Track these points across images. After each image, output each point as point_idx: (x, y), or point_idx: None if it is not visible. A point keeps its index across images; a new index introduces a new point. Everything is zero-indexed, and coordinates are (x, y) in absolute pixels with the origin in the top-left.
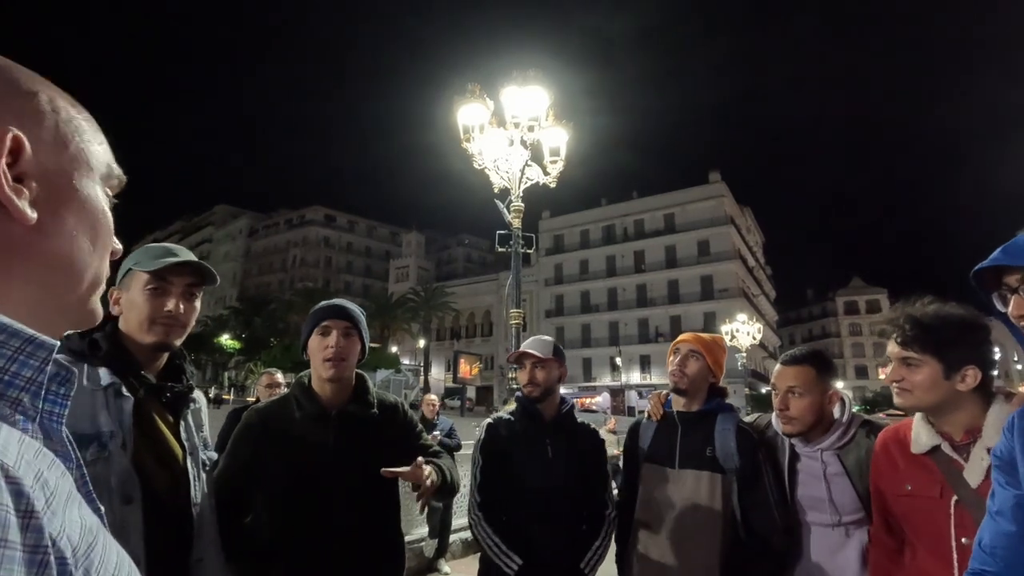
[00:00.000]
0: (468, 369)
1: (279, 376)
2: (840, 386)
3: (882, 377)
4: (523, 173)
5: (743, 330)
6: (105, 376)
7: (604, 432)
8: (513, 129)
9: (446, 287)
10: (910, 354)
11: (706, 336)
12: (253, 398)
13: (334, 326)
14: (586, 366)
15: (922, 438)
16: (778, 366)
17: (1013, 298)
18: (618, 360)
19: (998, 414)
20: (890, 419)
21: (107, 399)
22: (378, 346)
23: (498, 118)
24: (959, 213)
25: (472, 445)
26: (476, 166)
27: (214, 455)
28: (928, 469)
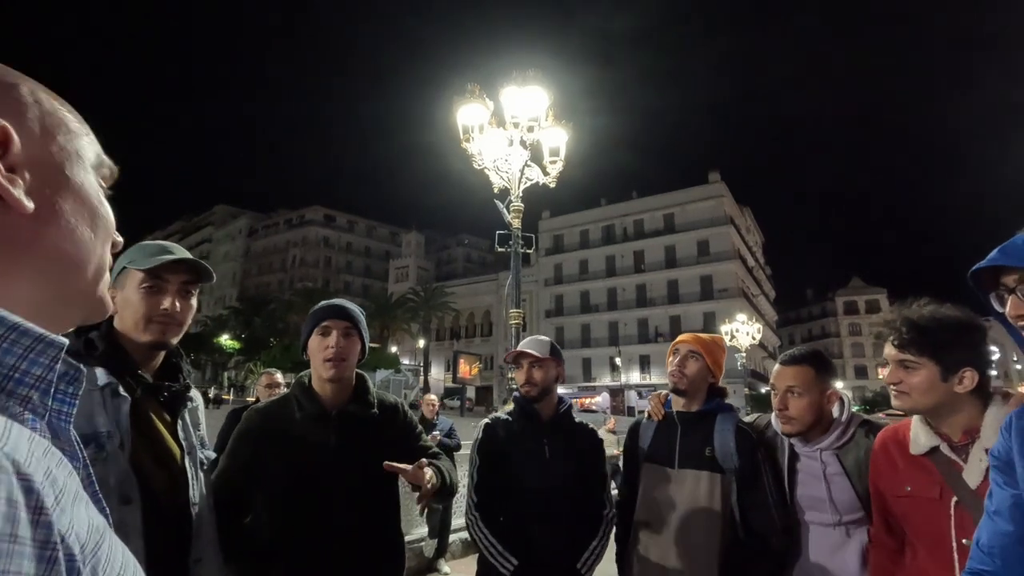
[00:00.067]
0: (468, 369)
1: (279, 376)
2: (840, 386)
3: (881, 377)
4: (523, 173)
5: (743, 330)
6: (102, 376)
7: (604, 432)
8: (513, 129)
9: (446, 287)
10: (907, 357)
11: (705, 336)
12: (253, 398)
13: (334, 326)
14: (586, 366)
15: (921, 439)
16: (777, 366)
17: (1010, 298)
18: (618, 360)
19: (996, 415)
20: (889, 419)
21: (104, 399)
22: (378, 346)
23: (498, 118)
24: (959, 213)
25: (470, 445)
26: (476, 166)
27: (212, 454)
28: (927, 470)
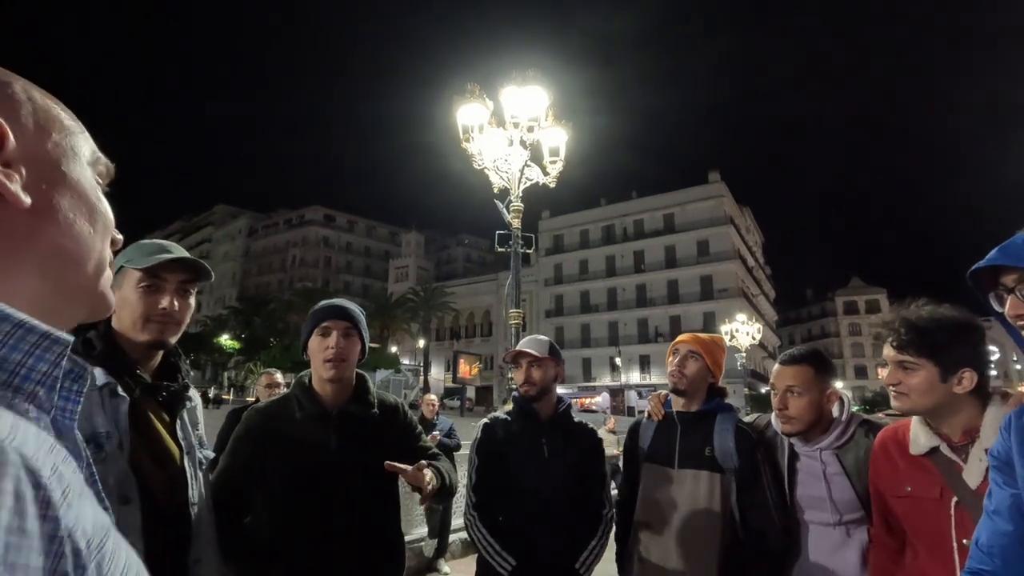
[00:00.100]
0: (468, 369)
1: (278, 376)
2: (839, 386)
3: (881, 377)
4: (523, 173)
5: (742, 330)
6: (100, 376)
7: (604, 432)
8: (513, 129)
9: (446, 287)
10: (906, 358)
11: (705, 336)
12: (253, 398)
13: (334, 327)
14: (586, 366)
15: (920, 439)
16: (777, 366)
17: (1009, 298)
18: (618, 360)
19: (995, 415)
20: (889, 419)
21: (102, 399)
22: (378, 346)
23: (498, 118)
24: (959, 213)
25: (470, 445)
26: (476, 166)
27: (211, 453)
28: (927, 470)
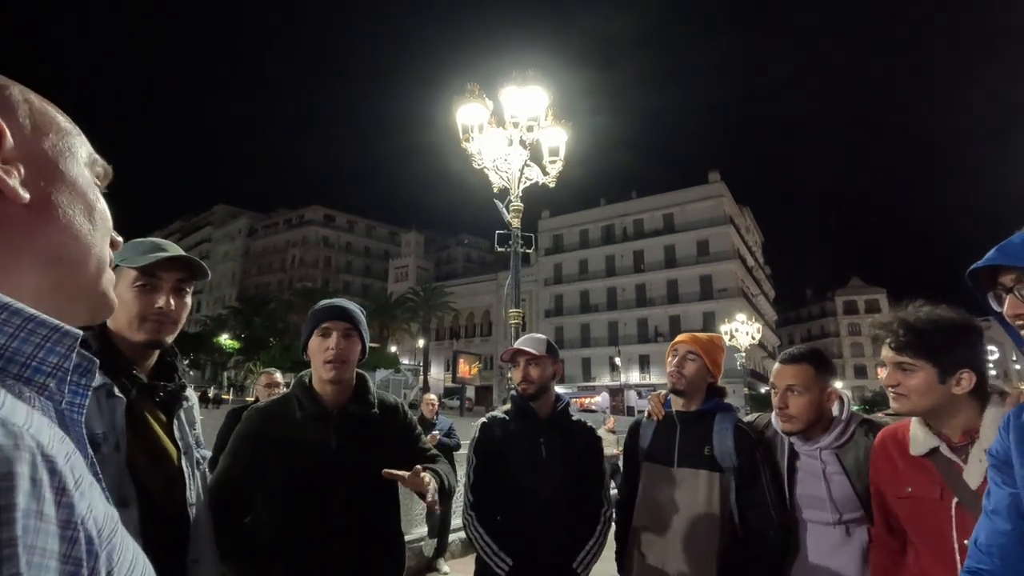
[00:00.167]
0: (467, 369)
1: (278, 376)
2: (839, 386)
3: (880, 377)
4: (522, 173)
5: (742, 330)
6: (96, 377)
7: (603, 432)
8: (512, 129)
9: (445, 287)
10: (904, 359)
11: (703, 336)
12: (252, 398)
13: (334, 327)
14: (585, 366)
15: (920, 440)
16: (777, 365)
17: (1008, 298)
18: (617, 360)
19: (995, 415)
20: (889, 418)
21: (98, 400)
22: (377, 346)
23: (497, 118)
24: (959, 213)
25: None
26: (475, 166)
27: (207, 453)
28: (927, 471)
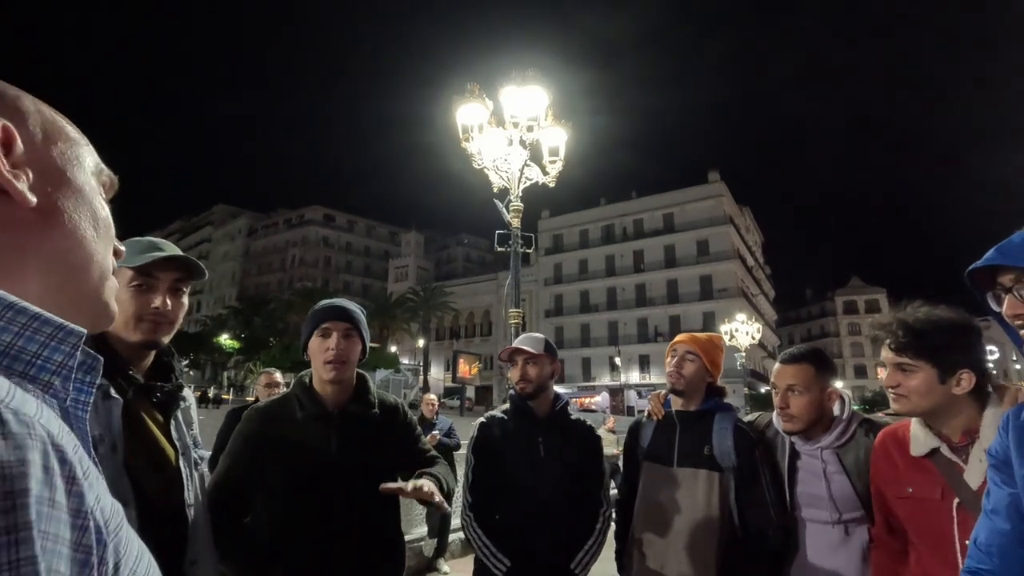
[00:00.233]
0: (467, 369)
1: (278, 376)
2: (839, 386)
3: (880, 377)
4: (522, 173)
5: (742, 330)
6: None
7: (603, 431)
8: (512, 129)
9: (445, 287)
10: (904, 360)
11: (702, 336)
12: (252, 398)
13: (335, 328)
14: (585, 366)
15: (920, 440)
16: (777, 364)
17: (1007, 298)
18: (617, 360)
19: (995, 415)
20: (890, 418)
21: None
22: (377, 346)
23: (497, 118)
24: (959, 213)
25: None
26: (475, 166)
27: (206, 453)
28: (928, 471)
